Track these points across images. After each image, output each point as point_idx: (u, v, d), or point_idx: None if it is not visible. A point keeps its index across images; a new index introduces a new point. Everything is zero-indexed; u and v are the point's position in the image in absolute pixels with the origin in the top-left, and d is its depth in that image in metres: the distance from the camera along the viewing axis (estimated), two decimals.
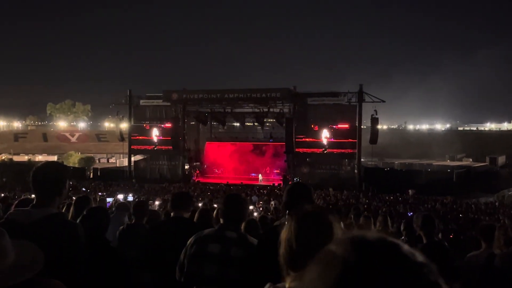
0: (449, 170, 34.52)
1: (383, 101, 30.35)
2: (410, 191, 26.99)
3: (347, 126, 30.94)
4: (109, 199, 16.21)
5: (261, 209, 18.35)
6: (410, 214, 17.65)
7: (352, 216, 7.66)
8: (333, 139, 31.02)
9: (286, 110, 33.28)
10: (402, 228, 5.01)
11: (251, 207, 18.88)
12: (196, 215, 4.50)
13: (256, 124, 36.41)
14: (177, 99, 32.95)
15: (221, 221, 3.05)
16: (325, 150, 31.26)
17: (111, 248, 3.35)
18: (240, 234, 2.98)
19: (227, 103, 33.42)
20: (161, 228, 3.75)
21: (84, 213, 3.42)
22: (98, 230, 3.29)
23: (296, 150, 31.59)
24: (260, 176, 34.18)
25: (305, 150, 31.75)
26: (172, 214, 3.74)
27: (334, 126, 31.07)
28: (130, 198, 20.27)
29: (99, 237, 3.27)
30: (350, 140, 30.77)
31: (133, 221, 4.50)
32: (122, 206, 5.43)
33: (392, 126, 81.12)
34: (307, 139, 31.57)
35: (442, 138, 60.44)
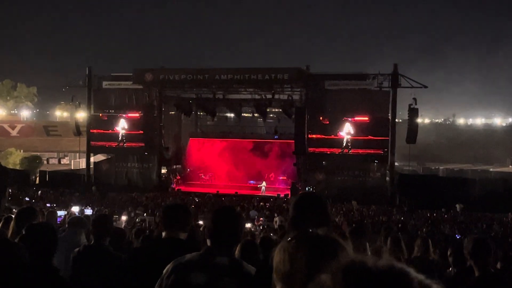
0: None
1: (425, 87, 30.36)
2: (458, 206, 27.05)
3: (376, 119, 30.93)
4: (60, 213, 16.26)
5: (261, 227, 18.41)
6: (458, 236, 17.71)
7: (382, 238, 7.67)
8: (358, 136, 31.05)
9: (296, 97, 33.30)
10: (449, 254, 5.03)
11: (248, 225, 18.94)
12: None
13: (256, 115, 36.36)
14: (152, 80, 32.92)
15: (208, 242, 3.06)
16: (346, 150, 31.28)
17: (60, 279, 3.34)
18: (233, 260, 2.99)
19: (218, 87, 33.39)
20: (149, 253, 3.65)
21: (23, 231, 3.41)
22: (41, 254, 3.27)
23: (309, 150, 31.62)
24: (263, 184, 34.22)
25: (320, 150, 31.79)
26: (163, 234, 3.71)
27: (360, 119, 31.09)
28: (89, 211, 20.31)
29: (43, 264, 3.25)
30: (381, 137, 30.81)
31: (92, 241, 4.51)
32: (76, 222, 5.44)
33: (437, 120, 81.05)
34: (323, 136, 31.60)
35: (502, 137, 60.44)
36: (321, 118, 31.63)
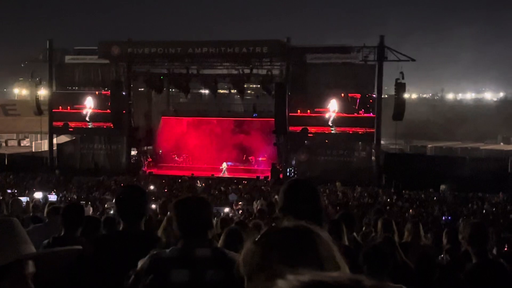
0: (505, 157, 35.08)
1: (413, 60, 30.60)
2: (441, 186, 27.59)
3: (361, 94, 31.14)
4: (22, 199, 16.09)
5: (240, 211, 18.50)
6: (445, 218, 18.06)
7: (371, 221, 7.78)
8: (342, 113, 31.22)
9: (276, 72, 33.21)
10: (445, 242, 5.09)
11: (226, 209, 19.03)
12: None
13: (233, 91, 36.19)
14: (120, 54, 32.56)
15: (182, 236, 3.03)
16: (331, 128, 31.45)
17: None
18: (215, 249, 2.99)
19: (192, 61, 33.16)
20: (106, 250, 3.51)
21: None
22: None
23: (290, 129, 31.69)
24: (223, 166, 34.11)
25: (302, 128, 31.90)
26: (121, 226, 3.63)
27: (344, 95, 31.23)
28: (53, 197, 20.17)
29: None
30: (366, 114, 31.04)
31: (63, 232, 4.46)
32: (58, 211, 5.27)
33: (425, 95, 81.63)
34: (305, 114, 31.68)
35: (493, 113, 61.21)
36: (313, 94, 31.63)
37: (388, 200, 23.55)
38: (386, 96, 38.77)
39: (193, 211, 3.03)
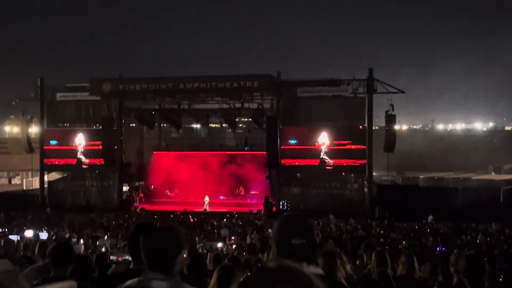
0: (497, 187, 35.10)
1: (402, 92, 30.91)
2: (429, 217, 27.63)
3: (352, 126, 31.28)
4: (13, 237, 15.90)
5: (233, 247, 18.31)
6: (439, 249, 17.95)
7: (363, 254, 7.70)
8: (334, 146, 31.29)
9: (267, 105, 33.40)
10: (440, 272, 5.04)
11: (219, 245, 18.81)
12: None
13: (225, 125, 36.28)
14: (111, 91, 32.66)
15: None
16: (327, 161, 31.46)
17: None
18: (173, 282, 2.92)
19: (183, 97, 33.32)
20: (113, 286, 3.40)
21: None
22: None
23: (282, 162, 31.69)
24: (206, 199, 33.89)
25: (294, 161, 31.92)
26: (131, 264, 3.59)
27: (335, 128, 31.36)
28: (44, 235, 19.93)
29: None
30: (357, 146, 31.13)
31: (52, 273, 4.38)
32: None
33: (415, 127, 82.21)
34: (297, 146, 31.75)
35: (483, 142, 61.72)
36: (304, 126, 31.79)
37: (382, 232, 23.43)
38: (377, 127, 38.98)
39: (155, 243, 2.97)
